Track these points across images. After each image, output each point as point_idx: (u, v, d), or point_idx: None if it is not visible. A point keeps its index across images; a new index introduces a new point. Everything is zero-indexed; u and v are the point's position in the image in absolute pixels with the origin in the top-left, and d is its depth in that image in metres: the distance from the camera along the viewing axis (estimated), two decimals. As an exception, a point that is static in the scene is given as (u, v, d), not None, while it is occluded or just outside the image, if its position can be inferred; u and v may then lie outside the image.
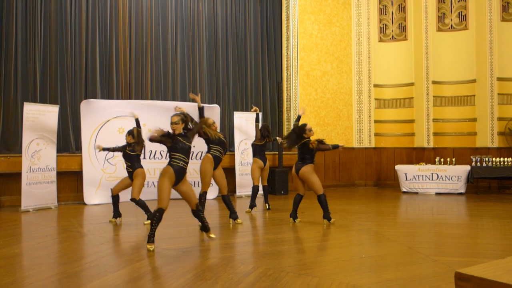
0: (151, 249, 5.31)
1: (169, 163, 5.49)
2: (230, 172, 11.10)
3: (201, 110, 6.70)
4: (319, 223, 7.18)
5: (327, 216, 7.07)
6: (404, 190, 11.74)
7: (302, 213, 8.25)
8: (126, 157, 7.28)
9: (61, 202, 9.61)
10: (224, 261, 4.91)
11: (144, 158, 9.87)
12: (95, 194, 9.52)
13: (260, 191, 10.09)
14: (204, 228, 6.03)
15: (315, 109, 12.91)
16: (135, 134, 7.15)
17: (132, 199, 7.14)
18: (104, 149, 7.48)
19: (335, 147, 7.04)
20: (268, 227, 7.15)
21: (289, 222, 7.29)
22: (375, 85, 13.41)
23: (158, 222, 5.34)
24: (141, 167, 7.34)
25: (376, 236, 6.33)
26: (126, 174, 7.49)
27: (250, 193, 10.90)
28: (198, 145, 9.49)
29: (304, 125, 6.98)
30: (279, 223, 7.32)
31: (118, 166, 9.67)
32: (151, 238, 5.36)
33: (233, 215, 7.20)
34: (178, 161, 5.46)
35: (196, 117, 7.02)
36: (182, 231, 6.63)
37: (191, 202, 5.67)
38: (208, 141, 7.00)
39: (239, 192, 10.97)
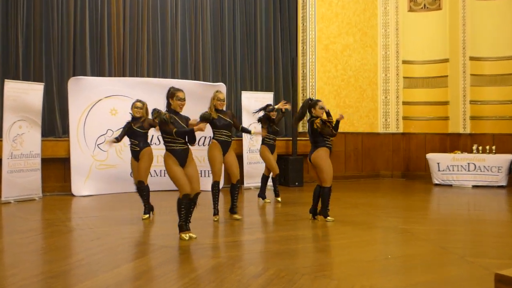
0: (186, 237, 5.66)
1: (168, 149, 5.59)
2: (238, 161, 11.07)
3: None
4: (340, 220, 7.18)
5: (324, 212, 6.98)
6: (436, 182, 11.68)
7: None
8: (133, 134, 7.07)
9: (46, 192, 9.69)
10: (230, 261, 4.92)
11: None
12: (84, 184, 9.58)
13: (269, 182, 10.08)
14: (181, 227, 5.79)
15: (334, 88, 12.84)
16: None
17: (140, 182, 6.98)
18: (117, 140, 7.17)
19: (336, 126, 6.89)
20: (281, 223, 7.17)
21: (303, 218, 7.29)
22: (404, 61, 13.28)
23: (186, 209, 5.63)
24: (149, 145, 7.20)
25: (403, 234, 6.31)
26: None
27: (260, 184, 10.93)
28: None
29: (318, 101, 6.91)
30: (293, 219, 7.32)
31: (110, 153, 9.71)
32: (183, 227, 5.70)
33: (233, 210, 7.23)
34: (176, 144, 5.57)
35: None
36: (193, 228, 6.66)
37: (192, 186, 5.69)
38: (212, 125, 7.01)
39: (247, 183, 10.98)
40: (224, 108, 7.18)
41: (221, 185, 7.67)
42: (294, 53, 12.87)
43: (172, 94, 5.74)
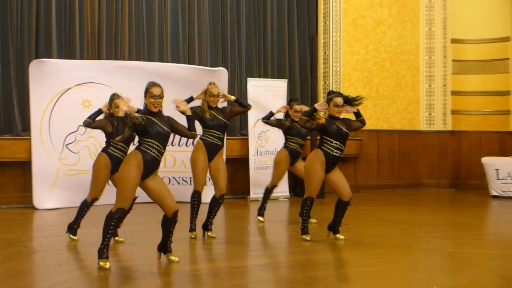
0: (106, 266, 5.55)
1: (138, 149, 5.73)
2: (242, 165, 11.11)
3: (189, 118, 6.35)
4: (371, 241, 7.15)
5: (302, 228, 7.12)
6: (495, 193, 11.61)
7: (345, 225, 8.22)
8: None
9: (2, 205, 9.71)
10: (232, 291, 4.93)
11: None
12: (49, 195, 9.60)
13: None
14: (162, 247, 5.93)
15: (364, 74, 12.80)
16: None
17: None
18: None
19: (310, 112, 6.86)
20: (295, 244, 7.15)
21: (324, 238, 7.27)
22: (454, 40, 13.21)
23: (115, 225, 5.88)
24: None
25: (452, 260, 6.27)
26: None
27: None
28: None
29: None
30: (310, 239, 7.29)
31: (81, 154, 9.72)
32: (102, 252, 5.68)
33: (207, 227, 7.32)
34: (151, 149, 5.69)
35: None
36: (176, 248, 6.65)
37: (165, 206, 5.77)
38: (203, 124, 7.15)
39: (254, 193, 10.97)
40: (223, 104, 7.36)
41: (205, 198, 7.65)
42: (314, 30, 12.83)
43: (146, 90, 5.86)
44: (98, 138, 9.69)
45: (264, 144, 11.18)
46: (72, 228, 7.15)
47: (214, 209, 7.30)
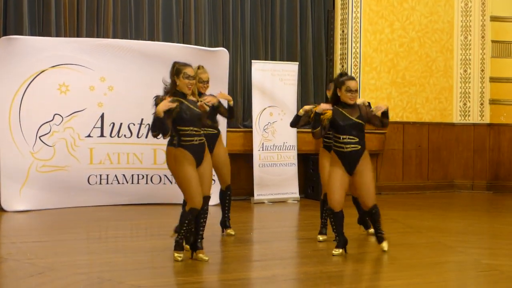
0: (179, 258, 6.30)
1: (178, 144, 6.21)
2: (245, 162, 11.16)
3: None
4: (395, 250, 7.16)
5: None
6: (539, 196, 11.62)
7: (363, 231, 8.25)
8: None
9: (-34, 206, 9.77)
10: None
11: (103, 135, 9.97)
12: (20, 195, 9.62)
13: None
14: (177, 244, 6.41)
15: (389, 57, 12.79)
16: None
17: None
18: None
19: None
20: (305, 254, 7.17)
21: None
22: (494, 18, 13.20)
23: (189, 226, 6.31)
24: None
25: (488, 273, 6.25)
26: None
27: (276, 196, 10.99)
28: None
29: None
30: (324, 248, 7.31)
31: (57, 148, 9.75)
32: (179, 245, 6.36)
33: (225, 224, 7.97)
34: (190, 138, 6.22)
35: None
36: (160, 258, 6.70)
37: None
38: None
39: (258, 195, 10.99)
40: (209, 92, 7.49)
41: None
42: (330, 4, 12.82)
43: (177, 70, 6.35)
44: (77, 129, 9.77)
45: (271, 138, 11.19)
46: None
47: (226, 204, 7.86)
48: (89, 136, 9.87)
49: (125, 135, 10.15)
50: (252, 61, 11.46)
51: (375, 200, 6.81)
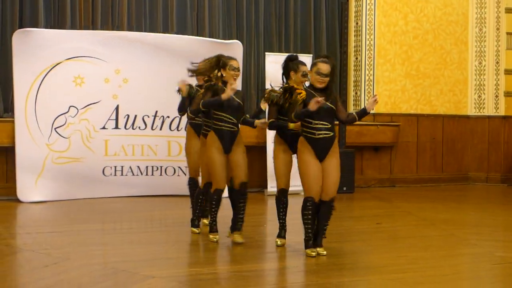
0: (215, 239, 6.90)
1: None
2: (258, 154, 11.17)
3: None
4: (409, 243, 7.17)
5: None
6: (554, 190, 11.57)
7: (378, 224, 8.24)
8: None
9: (-18, 197, 9.84)
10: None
11: (118, 127, 10.02)
12: (36, 186, 9.69)
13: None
14: (234, 226, 7.00)
15: (403, 49, 12.75)
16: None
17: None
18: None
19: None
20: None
21: (352, 239, 7.32)
22: (509, 10, 13.12)
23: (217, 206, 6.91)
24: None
25: (502, 266, 6.24)
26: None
27: (290, 188, 10.94)
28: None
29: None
30: (337, 240, 7.30)
31: (72, 140, 9.81)
32: (213, 227, 6.97)
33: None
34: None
35: None
36: (175, 249, 6.74)
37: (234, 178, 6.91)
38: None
39: (272, 187, 10.99)
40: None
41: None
42: (344, -4, 12.81)
43: (224, 63, 6.89)
44: (92, 121, 9.82)
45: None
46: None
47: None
48: (104, 128, 9.92)
49: (139, 127, 10.19)
50: (266, 53, 11.46)
51: (335, 193, 6.39)
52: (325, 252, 6.37)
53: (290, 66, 6.85)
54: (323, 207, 6.35)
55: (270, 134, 11.07)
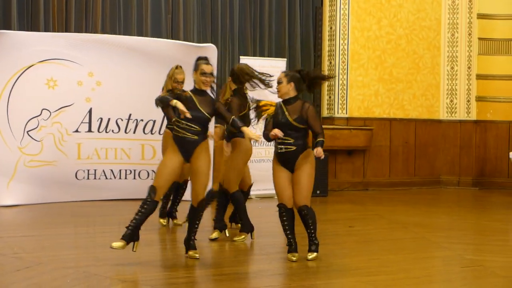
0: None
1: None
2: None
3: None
4: (381, 246, 7.22)
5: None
6: (524, 193, 11.68)
7: (350, 227, 8.28)
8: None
9: (-47, 200, 9.74)
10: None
11: (91, 130, 9.97)
12: (7, 189, 9.59)
13: None
14: (187, 243, 6.40)
15: (376, 54, 12.83)
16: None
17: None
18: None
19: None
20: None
21: (328, 242, 7.34)
22: (480, 16, 13.24)
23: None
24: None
25: (472, 268, 6.31)
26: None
27: (264, 191, 11.01)
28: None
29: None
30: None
31: (45, 143, 9.75)
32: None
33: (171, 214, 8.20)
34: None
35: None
36: (146, 253, 6.74)
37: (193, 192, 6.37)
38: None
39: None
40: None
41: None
42: (318, 1, 12.85)
43: (196, 66, 6.50)
44: (64, 124, 9.76)
45: (259, 133, 11.16)
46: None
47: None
48: (77, 131, 9.87)
49: (113, 131, 10.14)
50: (241, 57, 11.45)
51: (308, 201, 6.33)
52: (311, 256, 6.36)
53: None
54: (299, 214, 6.40)
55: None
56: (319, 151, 6.21)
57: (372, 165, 12.72)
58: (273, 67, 11.42)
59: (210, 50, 10.48)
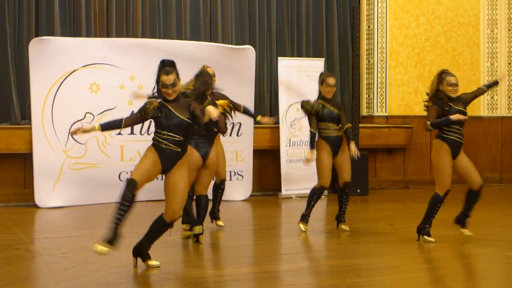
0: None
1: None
2: (272, 158, 11.26)
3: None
4: (417, 244, 7.23)
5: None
6: None
7: (390, 225, 8.28)
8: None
9: None
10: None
11: (133, 133, 10.11)
12: (53, 192, 9.79)
13: None
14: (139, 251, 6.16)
15: (415, 52, 12.77)
16: None
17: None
18: None
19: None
20: (332, 248, 7.30)
21: (368, 240, 7.38)
22: (521, 11, 13.15)
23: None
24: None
25: (505, 265, 6.37)
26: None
27: (302, 191, 11.05)
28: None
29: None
30: (352, 241, 7.42)
31: (89, 146, 9.92)
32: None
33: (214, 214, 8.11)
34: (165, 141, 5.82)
35: None
36: (191, 250, 6.83)
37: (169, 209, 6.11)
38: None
39: (286, 190, 11.07)
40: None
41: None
42: (356, 1, 12.84)
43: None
44: (108, 127, 9.90)
45: (298, 134, 11.25)
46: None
47: (218, 196, 8.08)
48: (119, 133, 10.00)
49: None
50: (279, 58, 11.53)
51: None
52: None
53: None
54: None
55: (283, 138, 11.17)
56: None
57: (412, 163, 12.67)
58: (311, 67, 11.49)
59: (248, 52, 10.59)
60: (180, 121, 5.75)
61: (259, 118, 7.77)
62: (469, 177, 7.49)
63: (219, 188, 8.16)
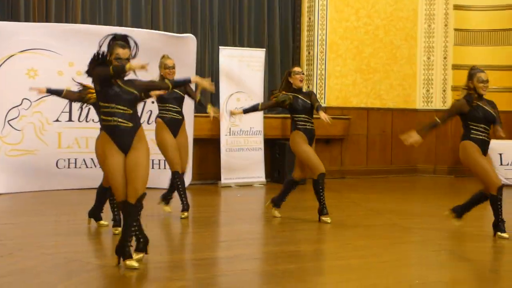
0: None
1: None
2: (212, 146, 11.32)
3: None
4: (354, 231, 7.39)
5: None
6: (498, 181, 11.80)
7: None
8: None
9: None
10: (196, 286, 5.18)
11: (71, 120, 10.06)
12: (-10, 178, 9.73)
13: None
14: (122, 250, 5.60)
15: (354, 44, 12.96)
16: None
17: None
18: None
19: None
20: (271, 234, 7.47)
21: (305, 228, 7.53)
22: (456, 7, 13.39)
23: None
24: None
25: (440, 253, 6.50)
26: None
27: (241, 180, 11.19)
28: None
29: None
30: (290, 229, 7.56)
31: (26, 132, 9.83)
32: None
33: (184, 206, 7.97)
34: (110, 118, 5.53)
35: None
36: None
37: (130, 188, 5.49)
38: (158, 100, 7.82)
39: (225, 179, 11.15)
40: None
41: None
42: (297, -9, 12.98)
43: (111, 48, 5.97)
44: (45, 113, 9.83)
45: (238, 123, 11.32)
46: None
47: (176, 188, 8.00)
48: (57, 120, 9.94)
49: (93, 120, 10.19)
50: (220, 47, 11.57)
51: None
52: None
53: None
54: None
55: (224, 127, 11.23)
56: None
57: (349, 153, 12.89)
58: (252, 57, 11.59)
59: (190, 40, 10.58)
60: (129, 94, 5.55)
61: (209, 107, 8.04)
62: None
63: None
